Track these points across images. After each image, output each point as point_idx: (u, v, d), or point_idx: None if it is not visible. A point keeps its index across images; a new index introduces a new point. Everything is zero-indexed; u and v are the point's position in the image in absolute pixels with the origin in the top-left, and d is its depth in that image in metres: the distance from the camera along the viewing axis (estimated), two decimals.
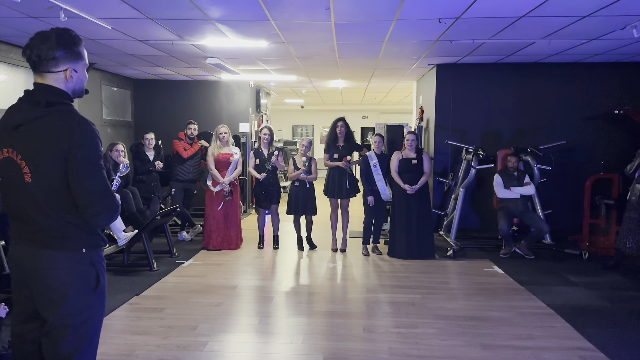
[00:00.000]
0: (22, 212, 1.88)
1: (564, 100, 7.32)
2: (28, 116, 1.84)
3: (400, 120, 10.49)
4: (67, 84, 1.92)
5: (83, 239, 1.91)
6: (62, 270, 1.87)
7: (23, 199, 1.87)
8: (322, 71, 8.49)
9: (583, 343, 3.62)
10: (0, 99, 5.77)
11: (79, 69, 1.95)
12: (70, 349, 1.90)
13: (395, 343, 3.61)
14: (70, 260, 1.89)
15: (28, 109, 1.86)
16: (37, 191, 1.83)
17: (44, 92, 1.88)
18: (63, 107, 1.87)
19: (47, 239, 1.87)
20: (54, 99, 1.87)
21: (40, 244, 1.87)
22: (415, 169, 6.07)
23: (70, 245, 1.89)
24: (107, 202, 1.87)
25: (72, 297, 1.88)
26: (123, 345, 3.53)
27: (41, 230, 1.87)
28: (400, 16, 4.67)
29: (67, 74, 1.90)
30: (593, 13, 4.50)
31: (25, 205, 1.87)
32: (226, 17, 4.79)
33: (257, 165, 6.47)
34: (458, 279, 5.34)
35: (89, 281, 1.93)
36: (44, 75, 1.89)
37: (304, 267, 5.86)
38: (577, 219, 7.14)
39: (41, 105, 1.84)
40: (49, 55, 1.85)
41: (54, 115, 1.84)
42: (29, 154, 1.83)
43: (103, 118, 8.25)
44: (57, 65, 1.87)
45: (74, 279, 1.89)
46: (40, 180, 1.83)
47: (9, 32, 5.33)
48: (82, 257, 1.91)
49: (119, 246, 5.50)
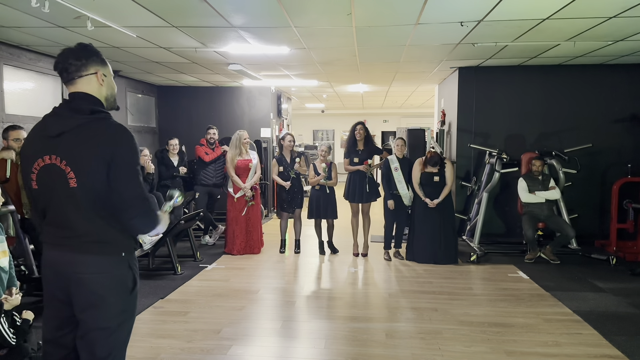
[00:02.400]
0: (63, 217, 1.93)
1: (589, 102, 7.19)
2: (70, 123, 1.90)
3: (422, 124, 10.44)
4: (100, 90, 1.98)
5: (122, 243, 1.97)
6: (103, 275, 1.92)
7: (66, 205, 1.91)
8: (342, 76, 8.50)
9: (611, 351, 3.54)
10: (30, 107, 5.95)
11: (107, 75, 2.02)
12: (105, 351, 1.94)
13: (418, 349, 3.59)
14: (110, 265, 1.94)
15: (69, 116, 1.92)
16: (82, 195, 1.89)
17: (84, 100, 1.95)
18: (105, 115, 1.97)
19: (87, 243, 1.91)
20: (96, 107, 1.95)
21: (81, 249, 1.91)
22: (436, 185, 6.05)
23: (111, 250, 1.95)
24: (144, 206, 1.93)
25: (110, 301, 1.93)
26: (148, 348, 3.58)
27: (82, 235, 1.91)
28: (422, 20, 4.66)
29: (98, 76, 1.97)
30: (619, 14, 4.42)
31: (68, 211, 1.91)
32: (248, 24, 4.85)
33: (280, 172, 6.51)
34: (482, 284, 5.28)
35: (127, 284, 1.98)
36: (76, 83, 1.95)
37: (325, 271, 5.86)
38: (604, 224, 7.01)
39: (84, 113, 1.91)
40: (78, 60, 1.93)
41: (97, 122, 1.92)
42: (74, 160, 1.88)
43: (128, 124, 8.40)
44: (87, 68, 1.95)
45: (114, 282, 1.94)
46: (85, 185, 1.88)
47: (37, 41, 5.49)
48: (122, 261, 1.96)
49: (144, 250, 5.59)
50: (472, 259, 6.12)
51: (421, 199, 6.05)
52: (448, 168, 6.08)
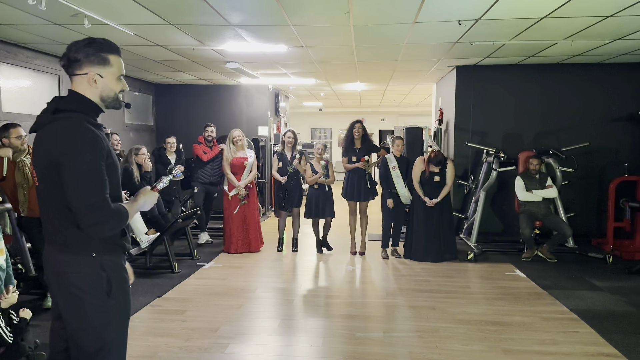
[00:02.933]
0: (43, 215, 1.97)
1: (587, 101, 7.20)
2: (40, 122, 1.90)
3: (419, 123, 10.45)
4: (91, 90, 1.92)
5: (92, 243, 1.90)
6: (75, 274, 1.89)
7: (40, 203, 1.96)
8: (340, 74, 8.50)
9: (608, 349, 3.56)
10: (26, 104, 5.93)
11: (105, 75, 1.92)
12: (89, 350, 1.93)
13: (415, 347, 3.59)
14: (80, 264, 1.89)
15: (42, 115, 1.92)
16: (45, 196, 1.91)
17: (59, 100, 1.92)
18: (68, 115, 1.85)
19: (60, 242, 1.92)
20: (64, 107, 1.88)
21: (56, 247, 1.93)
22: (437, 185, 6.04)
23: (79, 249, 1.89)
24: (99, 215, 1.78)
25: (87, 301, 1.89)
26: (146, 347, 3.58)
27: (54, 233, 1.93)
28: (420, 19, 4.66)
29: (89, 78, 1.90)
30: (616, 13, 4.42)
31: (42, 209, 1.96)
32: (246, 22, 4.84)
33: (280, 168, 6.51)
34: (479, 283, 5.29)
35: (101, 285, 1.91)
36: (72, 79, 1.93)
37: (323, 270, 5.86)
38: (601, 222, 7.03)
39: (48, 112, 1.88)
40: (74, 57, 1.89)
41: (56, 123, 1.84)
42: (35, 160, 1.91)
43: (125, 122, 8.39)
44: (81, 68, 1.89)
45: (85, 282, 1.89)
46: (45, 185, 1.89)
47: (34, 39, 5.47)
48: (93, 261, 1.90)
49: (141, 249, 5.58)
50: (469, 258, 6.12)
51: (420, 197, 6.05)
52: (449, 168, 6.07)
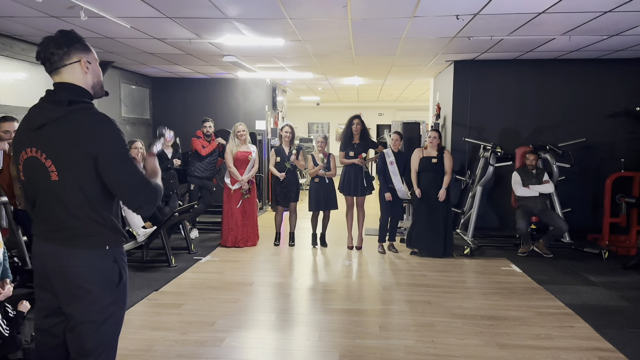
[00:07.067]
0: (48, 210, 1.91)
1: (584, 97, 7.21)
2: (51, 115, 1.86)
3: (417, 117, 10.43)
4: (85, 78, 1.93)
5: (106, 236, 1.94)
6: (87, 268, 1.90)
7: (49, 198, 1.89)
8: (338, 68, 8.48)
9: (602, 344, 3.58)
10: (22, 97, 5.90)
11: (92, 61, 1.96)
12: (93, 343, 1.94)
13: (411, 341, 3.60)
14: (94, 258, 1.92)
15: (51, 108, 1.88)
16: (63, 189, 1.86)
17: (66, 91, 1.90)
18: (85, 106, 1.90)
19: (72, 237, 1.90)
20: (76, 97, 1.89)
21: (65, 242, 1.90)
22: (435, 168, 5.95)
23: (95, 243, 1.92)
24: (146, 192, 1.93)
25: (96, 294, 1.92)
26: (142, 340, 3.58)
27: (66, 229, 1.90)
28: (418, 13, 4.65)
29: (82, 64, 1.92)
30: (614, 9, 4.42)
31: (51, 204, 1.90)
32: (244, 16, 4.82)
33: (277, 163, 6.51)
34: (475, 277, 5.31)
35: (112, 277, 1.95)
36: (60, 72, 1.91)
37: (320, 264, 5.87)
38: (597, 218, 7.06)
39: (63, 104, 1.86)
40: (60, 49, 1.88)
41: (77, 113, 1.86)
42: (54, 153, 1.85)
43: (122, 116, 8.36)
44: (70, 57, 1.89)
45: (98, 276, 1.92)
46: (66, 179, 1.85)
47: (30, 31, 5.43)
48: (106, 254, 1.94)
49: (138, 242, 5.57)
50: (465, 252, 6.14)
51: (425, 187, 5.96)
52: (447, 155, 6.01)
